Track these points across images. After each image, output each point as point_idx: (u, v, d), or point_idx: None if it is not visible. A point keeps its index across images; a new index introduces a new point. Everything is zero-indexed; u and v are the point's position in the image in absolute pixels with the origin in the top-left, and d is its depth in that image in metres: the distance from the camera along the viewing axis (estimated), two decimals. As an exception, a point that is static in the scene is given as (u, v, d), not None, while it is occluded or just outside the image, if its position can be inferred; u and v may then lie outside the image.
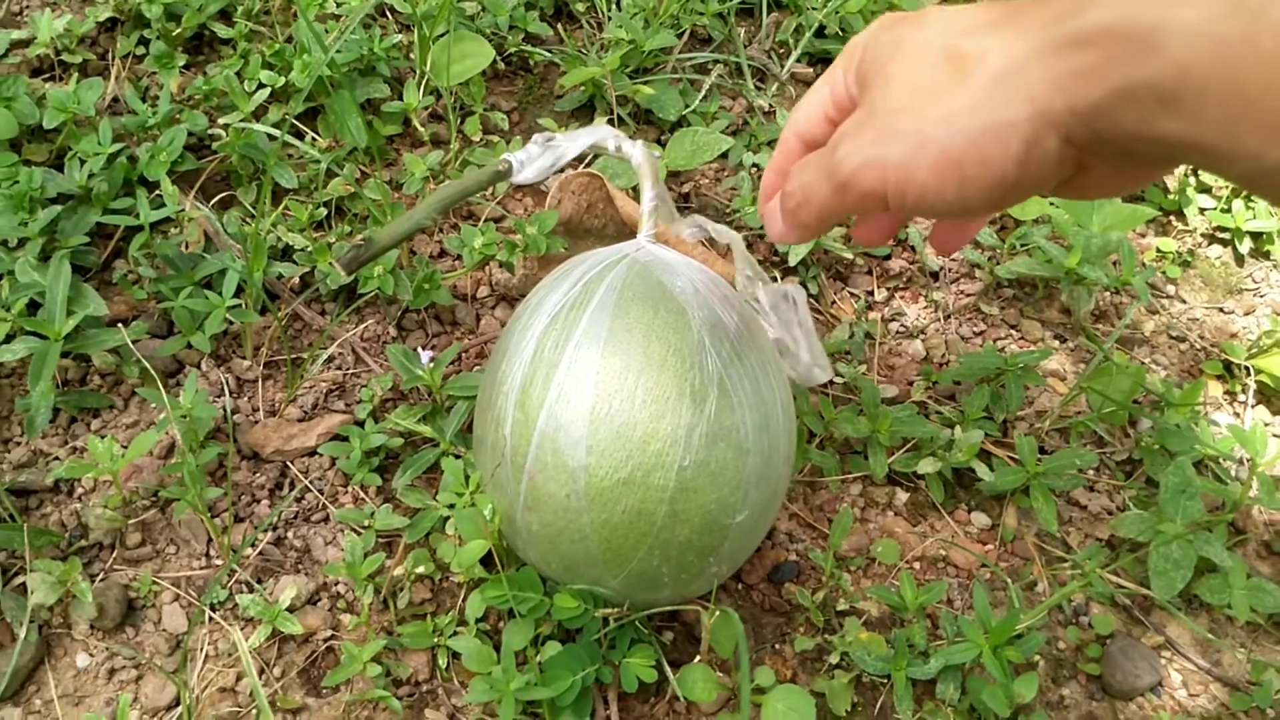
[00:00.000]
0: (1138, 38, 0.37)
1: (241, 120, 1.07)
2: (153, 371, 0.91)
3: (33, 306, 0.91)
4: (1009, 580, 0.96)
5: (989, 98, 0.41)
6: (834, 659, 0.87)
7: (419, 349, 0.96)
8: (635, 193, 1.02)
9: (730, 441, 0.71)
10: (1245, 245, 1.35)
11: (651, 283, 0.74)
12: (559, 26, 1.33)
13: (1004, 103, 0.41)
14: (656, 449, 0.69)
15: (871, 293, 1.19)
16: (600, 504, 0.70)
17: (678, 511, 0.71)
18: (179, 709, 0.79)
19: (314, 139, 1.12)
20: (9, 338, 0.88)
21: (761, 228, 1.17)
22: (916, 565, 0.97)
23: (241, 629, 0.83)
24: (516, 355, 0.74)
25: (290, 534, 0.89)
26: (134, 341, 0.92)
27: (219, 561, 0.87)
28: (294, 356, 0.99)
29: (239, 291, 0.96)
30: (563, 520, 0.72)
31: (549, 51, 1.28)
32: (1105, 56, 0.38)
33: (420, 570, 0.84)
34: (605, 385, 0.70)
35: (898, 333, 1.16)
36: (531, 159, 0.89)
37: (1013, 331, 1.18)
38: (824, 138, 0.52)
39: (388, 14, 1.26)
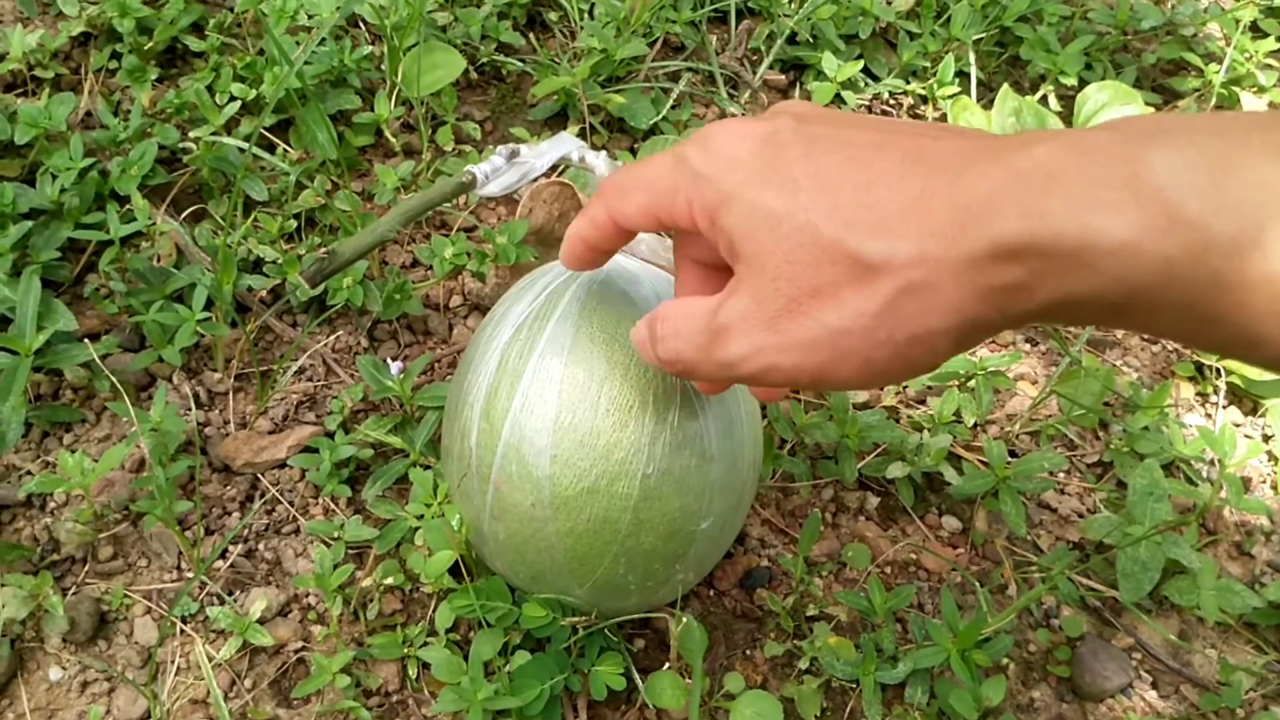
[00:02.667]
0: (1065, 255, 0.34)
1: (212, 133, 1.07)
2: (122, 386, 0.92)
3: (3, 322, 0.92)
4: (978, 584, 0.96)
5: (909, 313, 0.38)
6: (803, 664, 0.88)
7: (390, 359, 0.96)
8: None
9: (694, 449, 0.72)
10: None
11: (615, 292, 0.74)
12: (531, 36, 1.33)
13: (926, 315, 0.38)
14: (620, 457, 0.70)
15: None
16: (565, 513, 0.71)
17: (642, 519, 0.71)
18: (149, 722, 0.79)
19: (285, 151, 1.12)
20: (-22, 353, 0.89)
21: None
22: (887, 570, 0.98)
23: (212, 641, 0.84)
24: (482, 366, 0.75)
25: (261, 546, 0.90)
26: (105, 356, 0.92)
27: (190, 574, 0.87)
28: (264, 369, 0.99)
29: (209, 305, 0.96)
30: (528, 529, 0.72)
31: (521, 61, 1.29)
32: (1034, 272, 0.35)
33: (390, 581, 0.85)
34: (569, 395, 0.70)
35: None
36: (497, 170, 0.90)
37: (984, 335, 1.19)
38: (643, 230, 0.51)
39: (359, 24, 1.26)
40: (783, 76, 1.40)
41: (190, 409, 0.96)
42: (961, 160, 0.38)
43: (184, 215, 1.06)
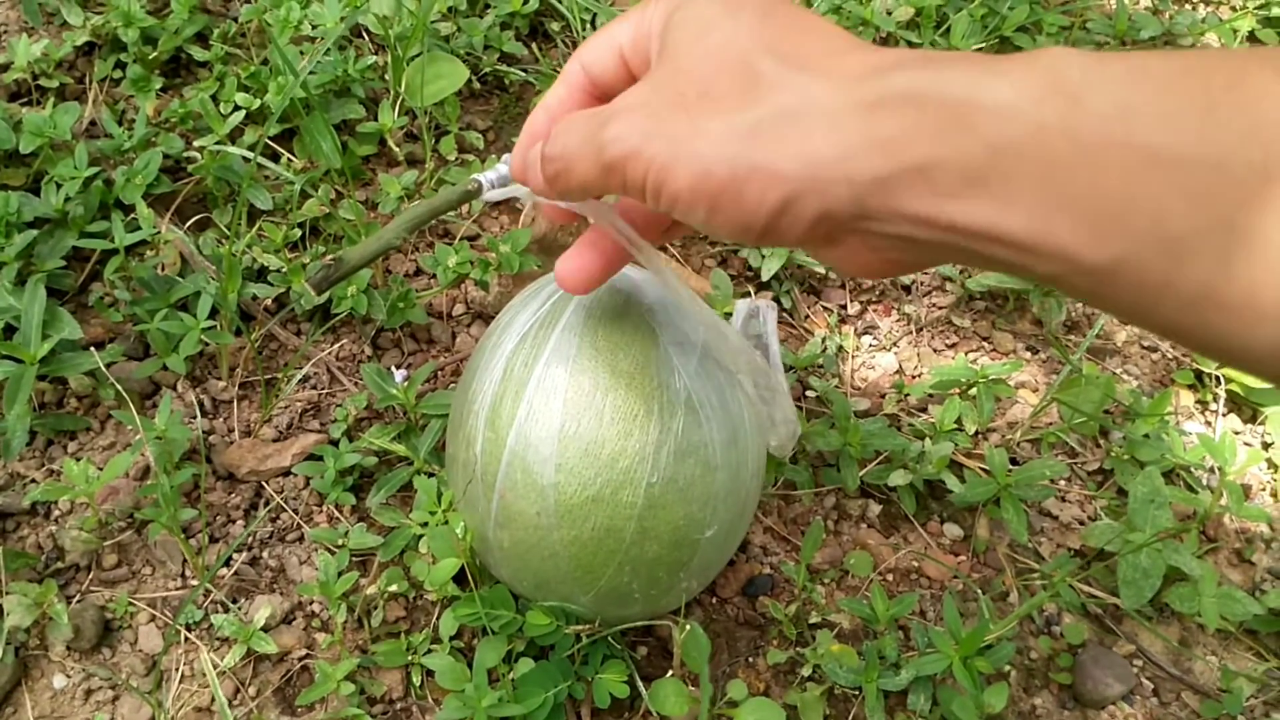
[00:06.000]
0: (946, 109, 0.35)
1: (217, 143, 1.08)
2: (128, 394, 0.92)
3: (8, 330, 0.92)
4: (980, 591, 0.96)
5: (767, 137, 0.38)
6: (806, 671, 0.88)
7: (394, 368, 0.96)
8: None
9: (698, 457, 0.72)
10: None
11: (619, 301, 0.74)
12: (534, 46, 1.34)
13: (778, 147, 0.38)
14: (625, 466, 0.70)
15: (844, 306, 1.20)
16: (570, 521, 0.71)
17: (646, 528, 0.72)
18: (154, 730, 0.80)
19: (289, 160, 1.13)
20: (-16, 362, 0.89)
21: (731, 246, 1.18)
22: (889, 577, 0.98)
23: (217, 649, 0.84)
24: (487, 374, 0.75)
25: (265, 554, 0.90)
26: (110, 364, 0.92)
27: (195, 582, 0.87)
28: (269, 377, 1.00)
29: (214, 313, 0.97)
30: (533, 538, 0.73)
31: (524, 71, 1.29)
32: (908, 126, 0.35)
33: (394, 589, 0.85)
34: (574, 403, 0.71)
35: (870, 346, 1.17)
36: (503, 178, 0.90)
37: (984, 343, 1.20)
38: (609, 78, 0.49)
39: (363, 34, 1.27)
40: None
41: (195, 417, 0.96)
42: (898, 53, 0.39)
43: (189, 224, 1.07)
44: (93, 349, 0.93)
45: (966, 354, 1.18)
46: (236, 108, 1.11)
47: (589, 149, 0.44)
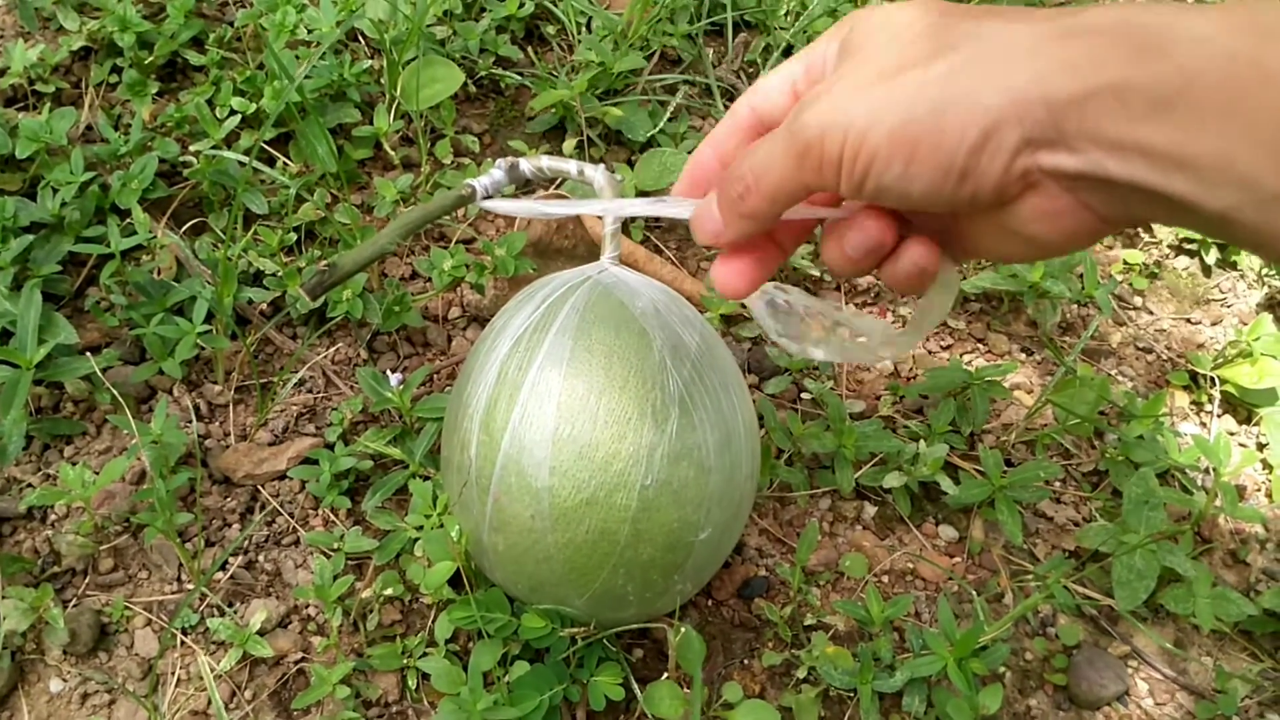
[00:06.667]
0: (1141, 36, 0.36)
1: (213, 147, 1.08)
2: (123, 398, 0.92)
3: (4, 335, 0.92)
4: (975, 593, 0.97)
5: (965, 75, 0.39)
6: (801, 673, 0.88)
7: (389, 371, 0.96)
8: (602, 214, 1.03)
9: (692, 460, 0.72)
10: (1212, 256, 1.36)
11: (613, 304, 0.75)
12: (529, 49, 1.34)
13: (978, 82, 0.39)
14: (619, 469, 0.70)
15: (839, 308, 1.20)
16: (564, 524, 0.71)
17: (641, 531, 0.72)
18: (150, 734, 0.80)
19: (285, 165, 1.13)
20: (-20, 367, 0.89)
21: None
22: (884, 579, 0.98)
23: (213, 653, 0.84)
24: (481, 378, 0.75)
25: (261, 557, 0.90)
26: (106, 369, 0.93)
27: (191, 586, 0.88)
28: (264, 381, 1.00)
29: (210, 317, 0.97)
30: (527, 541, 0.73)
31: (520, 74, 1.29)
32: (1102, 47, 0.37)
33: (390, 592, 0.85)
34: (568, 407, 0.71)
35: (866, 348, 1.17)
36: (497, 183, 0.90)
37: (979, 345, 1.20)
38: (781, 115, 0.48)
39: (359, 39, 1.27)
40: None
41: (191, 421, 0.96)
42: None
43: (184, 228, 1.07)
44: (89, 354, 0.94)
45: (961, 355, 1.18)
46: (232, 112, 1.11)
47: (779, 146, 0.44)
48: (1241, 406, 1.21)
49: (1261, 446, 1.17)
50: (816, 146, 0.42)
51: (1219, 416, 1.20)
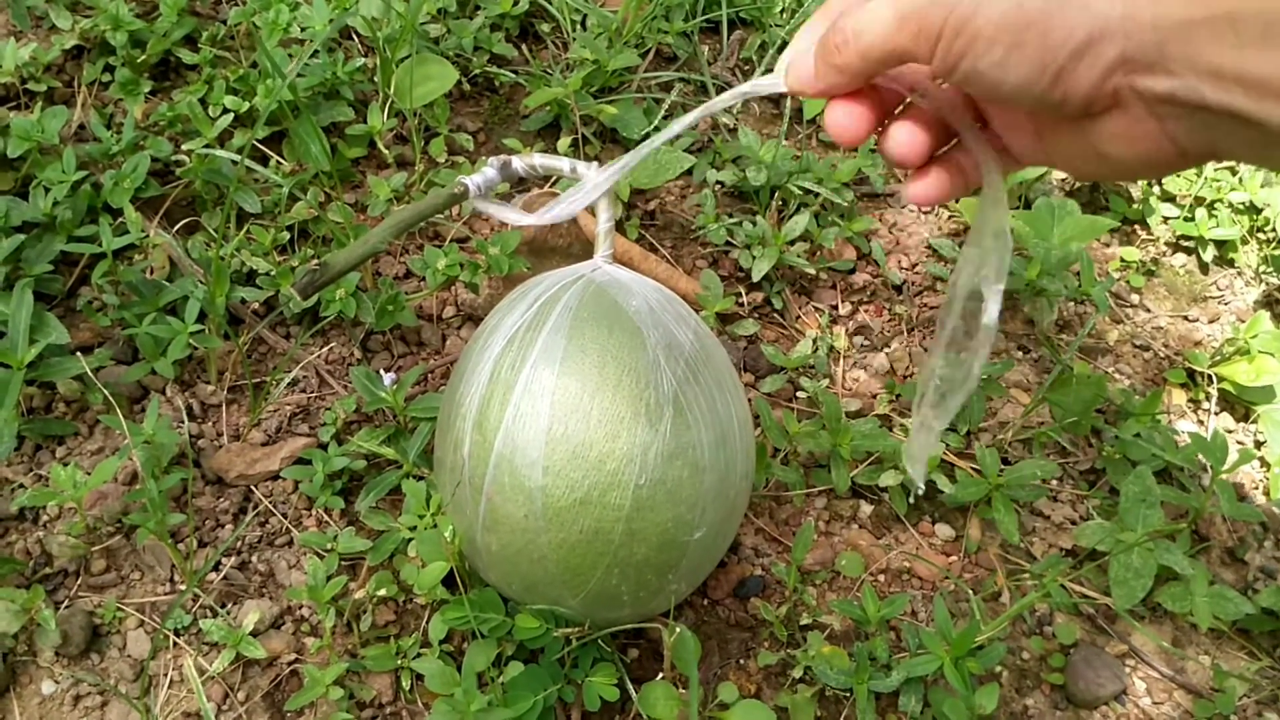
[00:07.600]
0: None
1: (205, 146, 1.07)
2: (116, 399, 0.92)
3: (-5, 335, 0.92)
4: (971, 592, 0.96)
5: None
6: (797, 673, 0.88)
7: (383, 371, 0.96)
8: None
9: (686, 459, 0.72)
10: (1209, 253, 1.36)
11: (607, 303, 0.74)
12: (524, 47, 1.34)
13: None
14: (612, 468, 0.70)
15: (835, 306, 1.20)
16: (558, 524, 0.71)
17: (635, 530, 0.71)
18: (142, 736, 0.79)
19: (278, 163, 1.12)
20: (-29, 367, 0.89)
21: (722, 246, 1.18)
22: (881, 578, 0.98)
23: (205, 654, 0.84)
24: (474, 377, 0.75)
25: (254, 558, 0.90)
26: (98, 369, 0.92)
27: (183, 587, 0.87)
28: (257, 381, 0.99)
29: (202, 317, 0.96)
30: (521, 541, 0.72)
31: (514, 72, 1.29)
32: None
33: (383, 592, 0.85)
34: (561, 406, 0.70)
35: (862, 346, 1.17)
36: (490, 182, 0.89)
37: (977, 343, 1.19)
38: None
39: (352, 36, 1.27)
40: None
41: (183, 421, 0.96)
42: None
43: (177, 228, 1.06)
44: (80, 353, 0.93)
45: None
46: (225, 111, 1.11)
47: (885, 8, 0.43)
48: (1239, 404, 1.20)
49: (1259, 444, 1.17)
50: (919, 14, 0.42)
51: (1216, 414, 1.20)
